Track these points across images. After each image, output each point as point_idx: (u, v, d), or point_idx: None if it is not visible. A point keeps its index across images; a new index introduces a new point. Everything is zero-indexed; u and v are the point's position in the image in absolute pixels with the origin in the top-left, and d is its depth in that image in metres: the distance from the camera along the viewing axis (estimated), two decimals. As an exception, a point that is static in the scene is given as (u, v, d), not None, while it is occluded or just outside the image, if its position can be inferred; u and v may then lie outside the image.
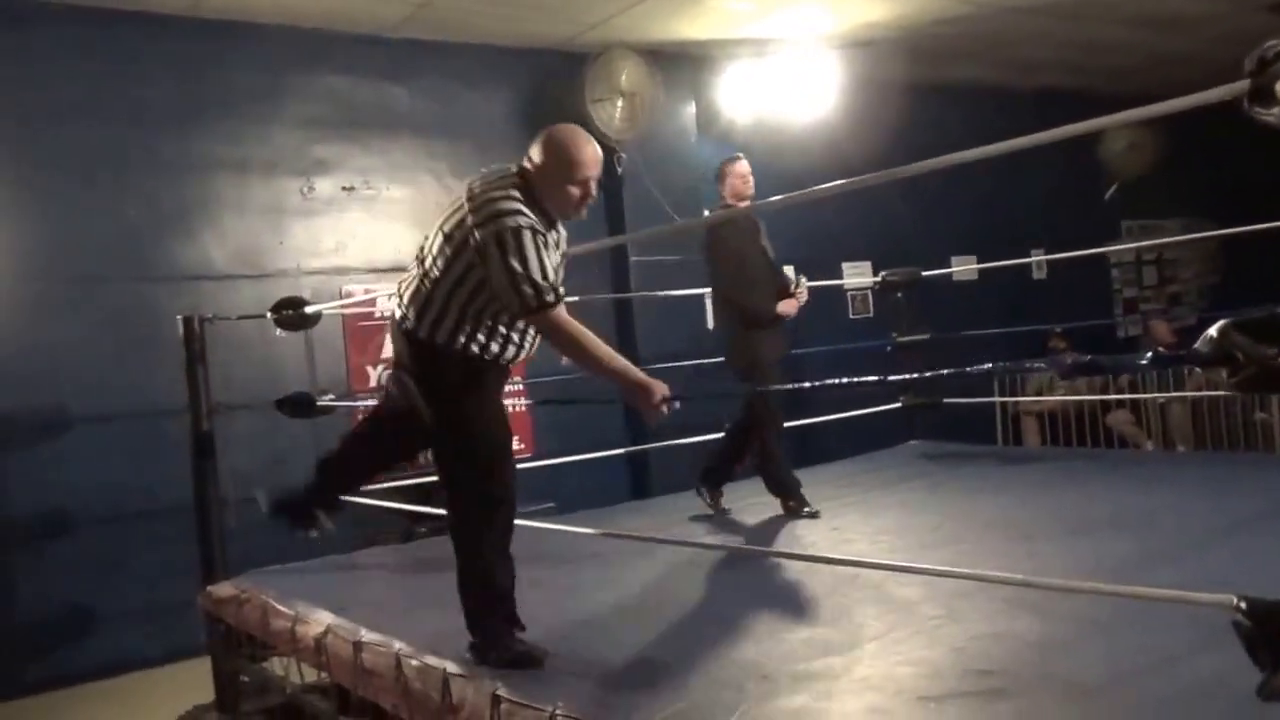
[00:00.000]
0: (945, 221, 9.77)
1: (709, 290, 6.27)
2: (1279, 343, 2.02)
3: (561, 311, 3.45)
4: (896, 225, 9.28)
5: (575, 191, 3.52)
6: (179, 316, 5.66)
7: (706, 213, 7.96)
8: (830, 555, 4.75)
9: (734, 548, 5.00)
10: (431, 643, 3.77)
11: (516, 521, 4.26)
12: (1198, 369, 4.95)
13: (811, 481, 6.93)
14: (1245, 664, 1.97)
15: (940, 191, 6.63)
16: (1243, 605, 1.98)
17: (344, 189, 7.44)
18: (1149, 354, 2.86)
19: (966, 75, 10.06)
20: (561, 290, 3.43)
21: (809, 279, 9.12)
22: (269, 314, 5.88)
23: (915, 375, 5.32)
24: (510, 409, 7.63)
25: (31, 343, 6.32)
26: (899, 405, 7.48)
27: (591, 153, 3.53)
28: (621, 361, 3.59)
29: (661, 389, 3.48)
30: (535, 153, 3.51)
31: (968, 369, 3.61)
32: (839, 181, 3.35)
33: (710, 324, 8.67)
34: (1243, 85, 1.90)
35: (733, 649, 3.58)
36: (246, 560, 5.52)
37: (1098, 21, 8.81)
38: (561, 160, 3.48)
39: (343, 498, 4.09)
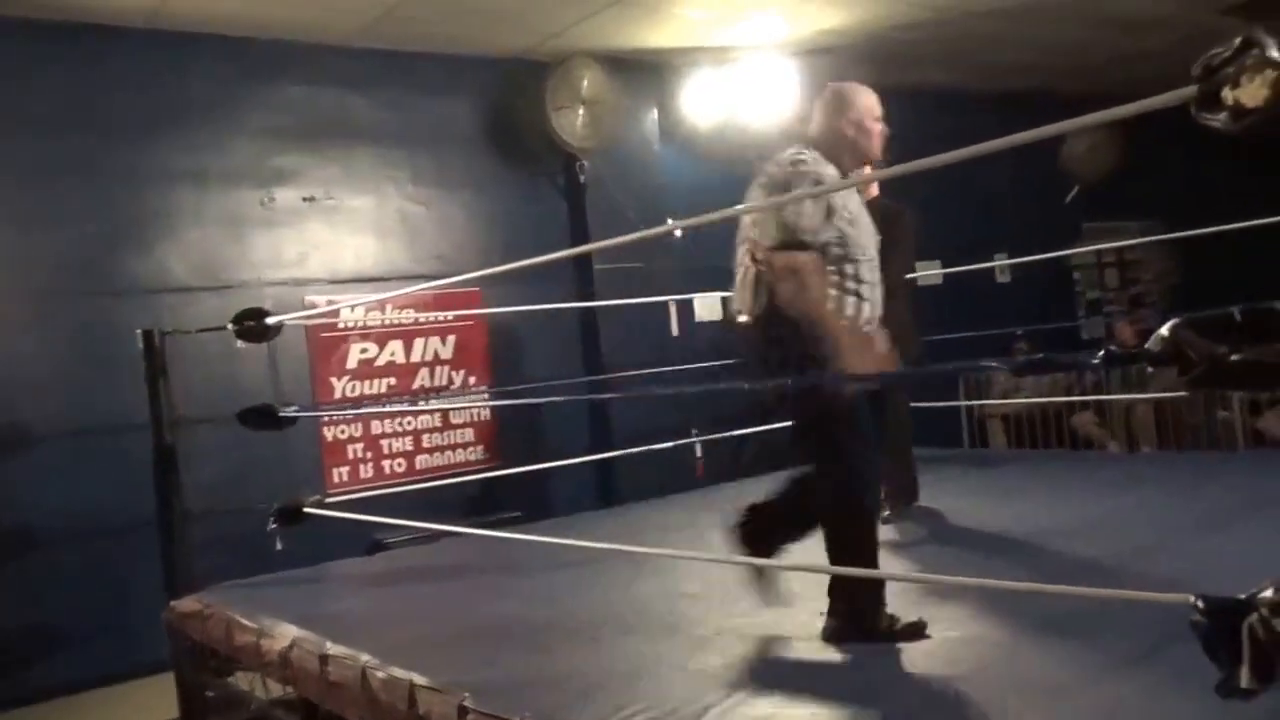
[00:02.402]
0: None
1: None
2: (1230, 340, 2.05)
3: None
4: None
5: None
6: (139, 330, 5.62)
7: (669, 220, 7.99)
8: (799, 562, 4.76)
9: (701, 556, 4.98)
10: (398, 654, 3.75)
11: (481, 532, 4.29)
12: (1162, 370, 5.00)
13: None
14: (1206, 662, 1.99)
15: (902, 196, 6.65)
16: (1200, 604, 1.99)
17: (305, 199, 7.39)
18: (1100, 352, 2.90)
19: (927, 79, 10.09)
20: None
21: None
22: (230, 326, 5.85)
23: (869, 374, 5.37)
24: (474, 417, 7.72)
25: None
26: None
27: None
28: None
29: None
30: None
31: (924, 368, 3.64)
32: (801, 191, 3.35)
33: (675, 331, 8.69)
34: (1191, 90, 1.93)
35: (699, 657, 3.57)
36: (211, 574, 5.49)
37: (1057, 23, 8.86)
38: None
39: None
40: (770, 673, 3.34)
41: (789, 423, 3.95)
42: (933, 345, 7.41)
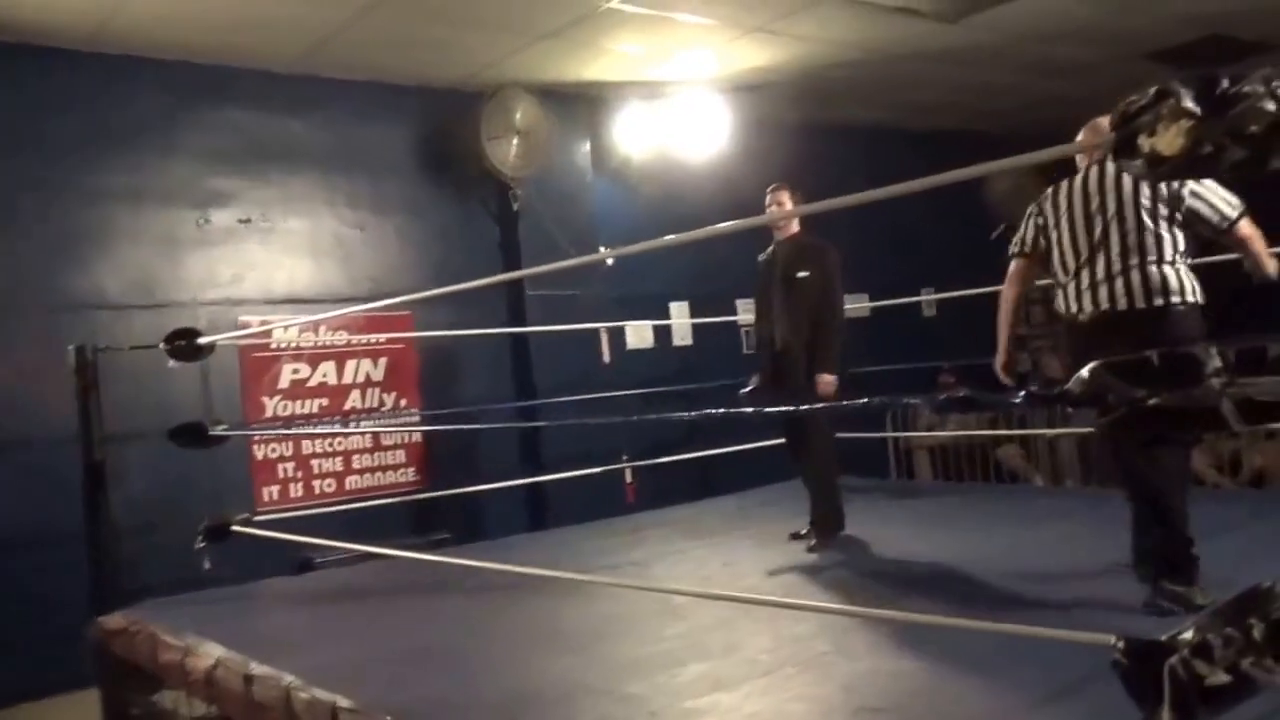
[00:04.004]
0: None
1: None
2: (1148, 384, 2.10)
3: (1012, 266, 4.71)
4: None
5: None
6: (71, 346, 5.60)
7: (603, 249, 8.08)
8: (722, 590, 4.80)
9: (628, 584, 5.03)
10: (323, 675, 3.77)
11: (410, 554, 4.32)
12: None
13: (703, 515, 7.01)
14: (1123, 700, 2.01)
15: (833, 230, 6.74)
16: (1121, 644, 2.00)
17: (241, 221, 7.39)
18: (1022, 392, 3.00)
19: (859, 117, 10.25)
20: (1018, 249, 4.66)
21: (704, 315, 9.31)
22: (163, 345, 5.84)
23: (797, 408, 5.49)
24: (405, 439, 7.73)
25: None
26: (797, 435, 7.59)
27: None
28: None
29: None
30: None
31: (846, 403, 3.74)
32: (736, 221, 3.39)
33: (606, 358, 8.74)
34: (1110, 137, 1.98)
35: (623, 684, 3.61)
36: (138, 592, 5.47)
37: (985, 67, 9.07)
38: None
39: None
40: (694, 700, 3.38)
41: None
42: (861, 377, 7.55)
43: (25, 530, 6.29)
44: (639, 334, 9.05)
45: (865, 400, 3.31)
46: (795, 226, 6.17)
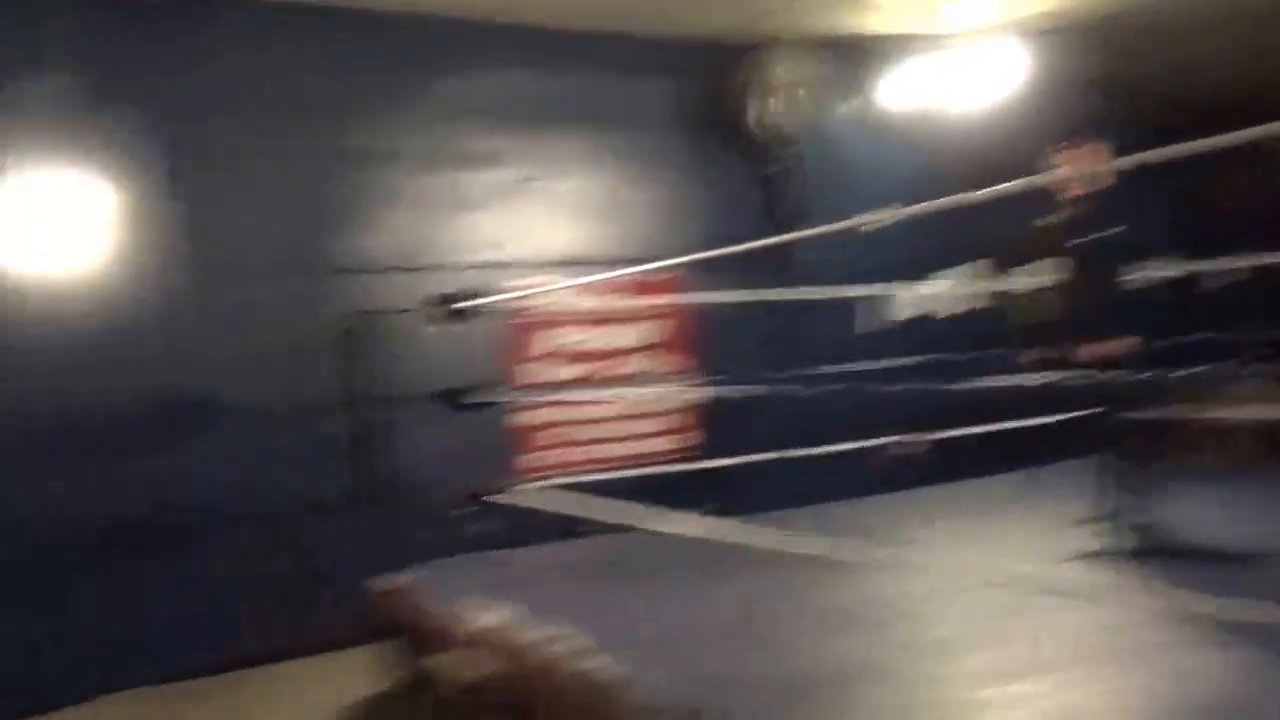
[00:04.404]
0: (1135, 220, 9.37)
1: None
2: None
3: None
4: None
5: None
6: (341, 311, 5.62)
7: (875, 212, 7.77)
8: (1010, 573, 4.57)
9: (915, 563, 4.83)
10: (603, 645, 3.71)
11: (680, 525, 4.25)
12: None
13: (989, 492, 6.74)
14: None
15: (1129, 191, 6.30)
16: None
17: (507, 182, 7.39)
18: None
19: (1145, 71, 9.67)
20: None
21: (980, 281, 8.93)
22: (428, 308, 5.83)
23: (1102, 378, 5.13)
24: (674, 406, 7.56)
25: (180, 336, 6.27)
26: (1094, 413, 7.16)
27: None
28: None
29: None
30: None
31: (1174, 374, 3.42)
32: (1028, 179, 3.21)
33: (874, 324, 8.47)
34: None
35: (903, 668, 3.49)
36: (407, 554, 5.48)
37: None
38: None
39: None
40: (980, 690, 3.19)
41: None
42: (1158, 351, 7.06)
43: (303, 494, 6.37)
44: (911, 300, 8.76)
45: (1206, 368, 3.01)
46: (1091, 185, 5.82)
